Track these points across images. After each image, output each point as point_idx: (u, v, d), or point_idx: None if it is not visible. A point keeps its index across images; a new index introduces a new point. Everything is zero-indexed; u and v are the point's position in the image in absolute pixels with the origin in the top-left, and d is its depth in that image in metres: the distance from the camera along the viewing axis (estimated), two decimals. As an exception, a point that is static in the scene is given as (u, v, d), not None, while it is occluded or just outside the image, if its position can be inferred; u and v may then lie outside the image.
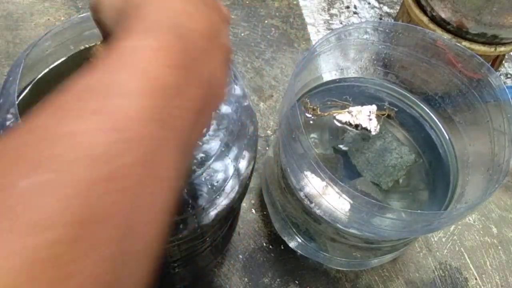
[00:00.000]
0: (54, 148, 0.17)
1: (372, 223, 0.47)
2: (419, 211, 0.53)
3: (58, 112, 0.19)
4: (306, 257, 0.65)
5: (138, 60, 0.21)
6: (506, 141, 0.51)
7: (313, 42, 0.90)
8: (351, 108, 0.60)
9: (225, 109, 0.40)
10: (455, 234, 0.71)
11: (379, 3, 1.00)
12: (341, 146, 0.59)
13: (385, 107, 0.62)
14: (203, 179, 0.37)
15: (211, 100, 0.25)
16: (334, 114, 0.60)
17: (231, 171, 0.39)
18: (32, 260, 0.15)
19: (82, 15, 0.45)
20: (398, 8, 0.95)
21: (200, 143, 0.38)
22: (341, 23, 0.96)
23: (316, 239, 0.59)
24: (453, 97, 0.59)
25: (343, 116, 0.60)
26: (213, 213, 0.39)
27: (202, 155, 0.37)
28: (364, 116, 0.59)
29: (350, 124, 0.59)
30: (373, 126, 0.59)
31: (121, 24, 0.24)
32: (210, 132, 0.38)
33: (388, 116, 0.61)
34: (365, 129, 0.59)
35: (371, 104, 0.61)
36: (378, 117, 0.60)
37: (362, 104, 0.61)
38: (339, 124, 0.60)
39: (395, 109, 0.62)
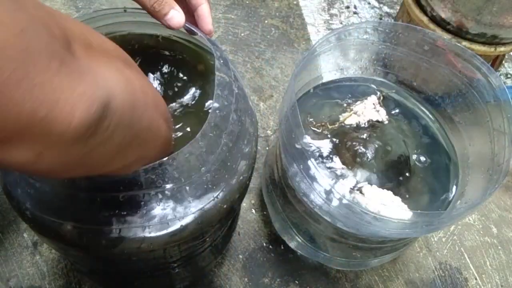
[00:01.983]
0: None
1: (372, 223, 0.47)
2: (419, 211, 0.53)
3: None
4: (306, 257, 0.65)
5: None
6: (506, 141, 0.50)
7: (313, 42, 0.90)
8: (355, 109, 0.60)
9: (225, 109, 0.40)
10: (455, 234, 0.71)
11: (379, 3, 1.00)
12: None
13: (378, 94, 0.62)
14: (203, 179, 0.37)
15: None
16: (343, 122, 0.60)
17: (231, 171, 0.39)
18: None
19: (82, 15, 0.45)
20: (398, 8, 0.95)
21: (201, 143, 0.38)
22: (341, 23, 0.96)
23: (316, 239, 0.59)
24: (453, 97, 0.59)
25: (351, 119, 0.60)
26: (213, 213, 0.39)
27: (201, 156, 0.37)
28: (370, 110, 0.60)
29: (360, 124, 0.60)
30: (383, 115, 0.60)
31: None
32: (211, 134, 0.38)
33: (384, 98, 0.62)
34: (377, 121, 0.59)
35: (369, 96, 0.61)
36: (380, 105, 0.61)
37: (362, 99, 0.61)
38: (351, 128, 0.60)
39: (391, 91, 0.63)
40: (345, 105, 0.62)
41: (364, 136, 0.59)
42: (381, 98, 0.62)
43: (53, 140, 0.21)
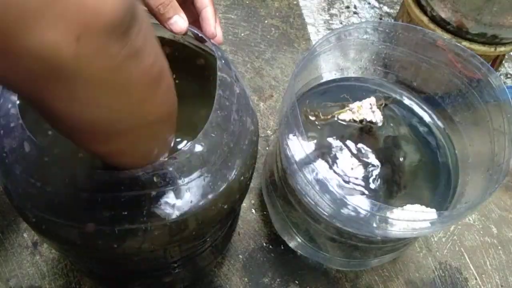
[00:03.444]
0: None
1: (372, 223, 0.47)
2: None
3: None
4: (306, 257, 0.65)
5: None
6: (506, 141, 0.51)
7: (313, 42, 0.90)
8: (351, 106, 0.60)
9: (227, 109, 0.40)
10: (455, 234, 0.71)
11: (379, 3, 1.00)
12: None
13: (381, 96, 0.62)
14: (204, 179, 0.37)
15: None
16: (336, 115, 0.60)
17: (232, 171, 0.39)
18: None
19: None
20: (398, 8, 0.95)
21: (202, 145, 0.38)
22: (341, 23, 0.96)
23: (316, 239, 0.59)
24: (453, 97, 0.59)
25: (345, 115, 0.60)
26: (213, 213, 0.39)
27: (203, 156, 0.37)
28: (366, 109, 0.60)
29: (355, 121, 0.60)
30: (378, 117, 0.59)
31: None
32: (213, 134, 0.38)
33: (385, 105, 0.62)
34: (371, 122, 0.59)
35: (368, 97, 0.61)
36: (378, 107, 0.61)
37: (361, 99, 0.61)
38: (343, 123, 0.60)
39: (391, 97, 0.63)
40: (342, 102, 0.62)
41: (359, 136, 0.59)
42: (383, 104, 0.62)
43: (89, 21, 0.21)
